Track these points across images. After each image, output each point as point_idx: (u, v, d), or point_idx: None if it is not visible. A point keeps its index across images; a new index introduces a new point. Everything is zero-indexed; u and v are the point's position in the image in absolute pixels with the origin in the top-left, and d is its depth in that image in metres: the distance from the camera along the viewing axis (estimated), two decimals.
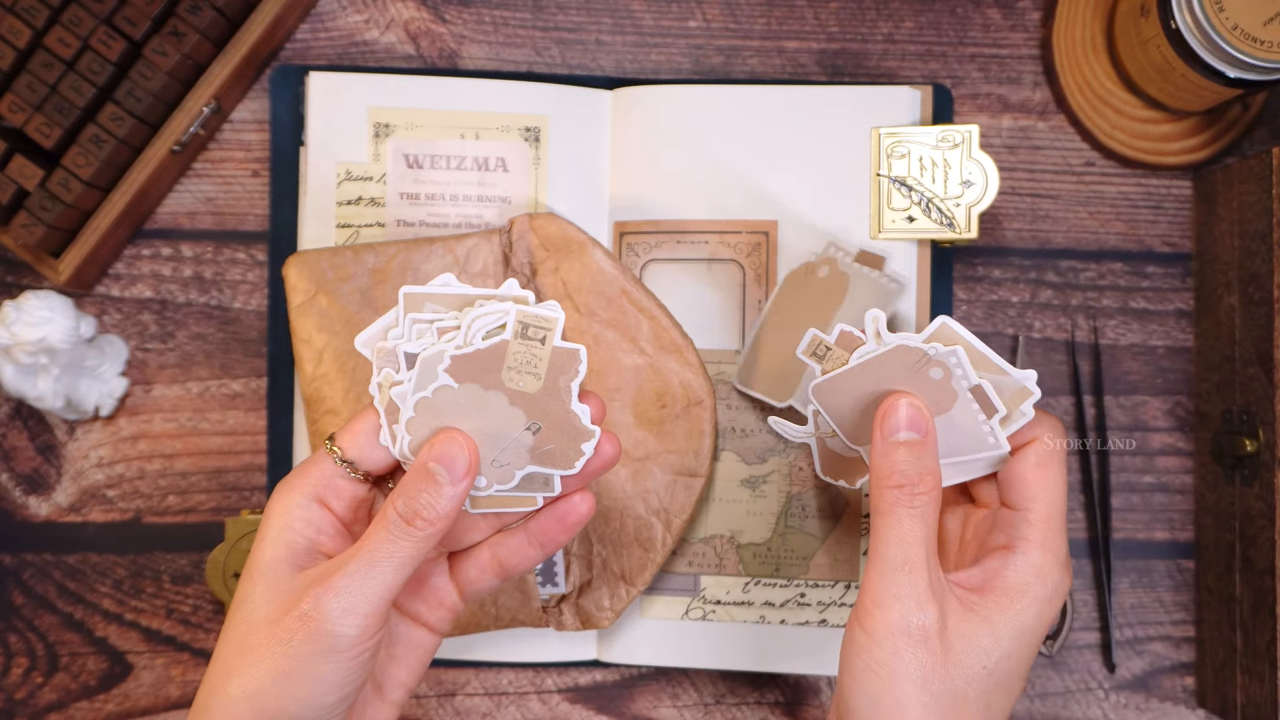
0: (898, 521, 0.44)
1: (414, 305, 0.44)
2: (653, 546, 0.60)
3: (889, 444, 0.45)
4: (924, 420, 0.45)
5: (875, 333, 0.46)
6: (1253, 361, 0.60)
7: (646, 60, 0.66)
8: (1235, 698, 0.61)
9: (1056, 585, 0.45)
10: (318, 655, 0.42)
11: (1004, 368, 0.45)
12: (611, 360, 0.60)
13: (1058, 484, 0.47)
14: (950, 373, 0.45)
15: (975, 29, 0.66)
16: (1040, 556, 0.45)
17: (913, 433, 0.45)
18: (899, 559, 0.44)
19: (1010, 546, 0.46)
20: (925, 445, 0.45)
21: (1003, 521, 0.47)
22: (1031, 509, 0.46)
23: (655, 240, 0.63)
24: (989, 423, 0.46)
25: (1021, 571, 0.45)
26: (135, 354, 0.65)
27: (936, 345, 0.44)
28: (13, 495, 0.65)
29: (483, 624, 0.61)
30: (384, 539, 0.42)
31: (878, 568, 0.44)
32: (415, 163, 0.63)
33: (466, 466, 0.43)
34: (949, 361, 0.44)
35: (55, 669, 0.64)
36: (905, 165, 0.62)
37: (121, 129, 0.60)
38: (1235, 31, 0.56)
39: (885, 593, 0.43)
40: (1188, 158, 0.65)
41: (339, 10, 0.66)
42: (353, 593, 0.42)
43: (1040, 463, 0.46)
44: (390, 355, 0.44)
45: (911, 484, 0.45)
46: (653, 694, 0.65)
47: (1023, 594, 0.45)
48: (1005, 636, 0.44)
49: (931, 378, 0.45)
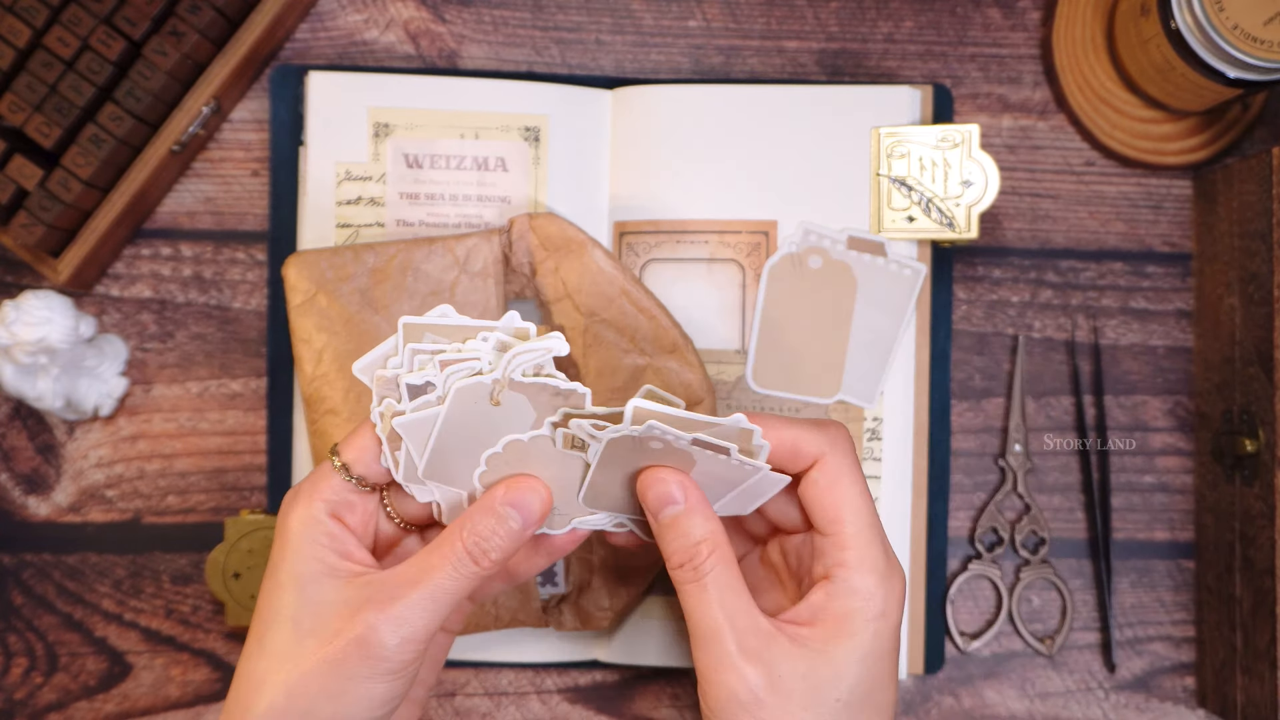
0: (690, 598, 0.44)
1: (413, 335, 0.44)
2: (654, 546, 0.60)
3: (659, 525, 0.45)
4: (678, 487, 0.44)
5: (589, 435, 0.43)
6: (1253, 361, 0.60)
7: (646, 60, 0.66)
8: (1235, 698, 0.61)
9: (884, 600, 0.44)
10: (371, 678, 0.42)
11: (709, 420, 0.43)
12: (611, 360, 0.60)
13: (856, 496, 0.45)
14: (666, 440, 0.43)
15: (975, 29, 0.66)
16: (859, 578, 0.44)
17: (673, 506, 0.44)
18: (701, 632, 0.43)
19: (828, 575, 0.45)
20: (691, 509, 0.44)
21: (818, 550, 0.46)
22: (837, 531, 0.45)
23: (655, 240, 0.63)
24: (731, 459, 0.44)
25: (843, 599, 0.44)
26: (135, 354, 0.65)
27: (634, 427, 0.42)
28: (12, 495, 0.65)
29: (483, 624, 0.61)
30: (450, 574, 0.43)
31: (692, 642, 0.44)
32: (415, 163, 0.63)
33: (539, 516, 0.44)
34: (654, 433, 0.42)
35: (55, 669, 0.64)
36: (905, 165, 0.62)
37: (121, 129, 0.60)
38: (1235, 31, 0.56)
39: (704, 666, 0.43)
40: (1188, 158, 0.65)
41: (339, 10, 0.66)
42: (414, 624, 0.42)
43: (830, 482, 0.45)
44: (390, 384, 0.44)
45: (690, 558, 0.44)
46: (653, 694, 0.65)
47: (850, 620, 0.44)
48: (848, 664, 0.43)
49: (656, 449, 0.44)
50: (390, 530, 0.47)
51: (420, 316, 0.44)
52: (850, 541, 0.45)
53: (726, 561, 0.44)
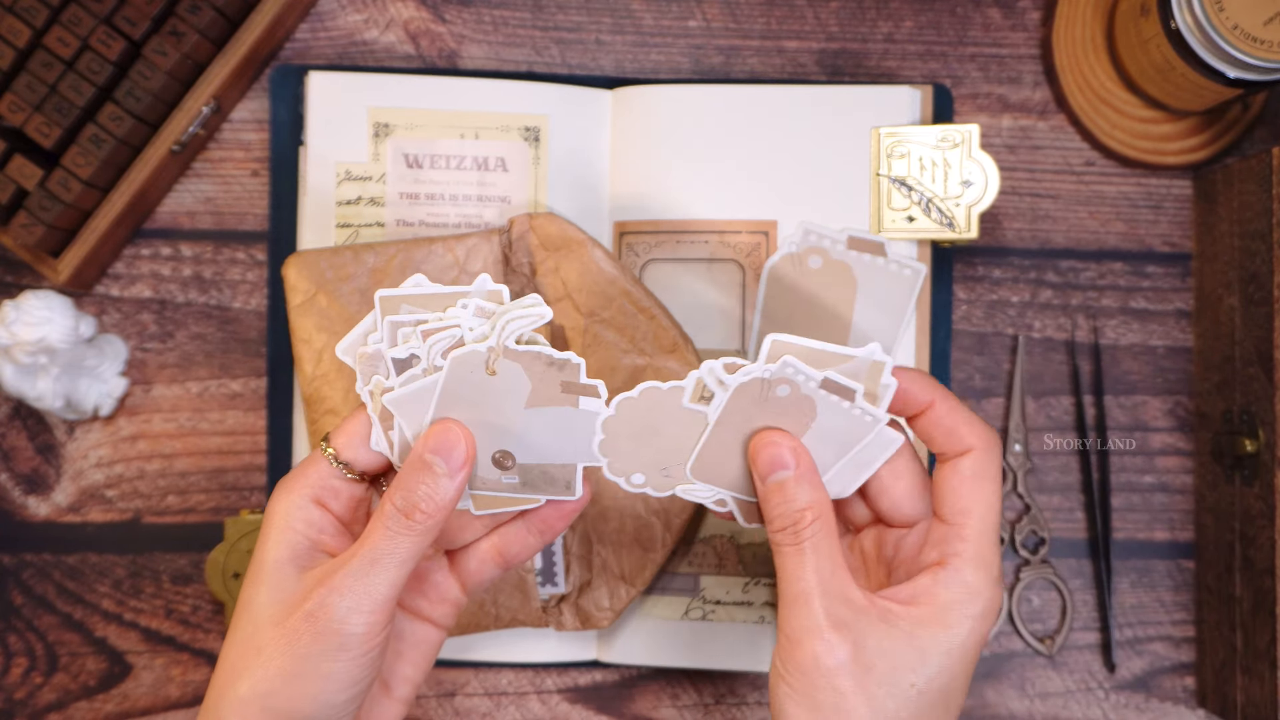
0: (786, 560, 0.44)
1: (390, 308, 0.44)
2: (653, 546, 0.60)
3: (766, 489, 0.45)
4: (790, 452, 0.44)
5: (717, 382, 0.43)
6: (1253, 361, 0.60)
7: (646, 60, 0.66)
8: (1235, 698, 0.61)
9: (988, 603, 0.44)
10: (326, 654, 0.42)
11: (843, 352, 0.43)
12: (611, 360, 0.60)
13: (992, 497, 0.45)
14: (795, 383, 0.43)
15: (975, 29, 0.66)
16: (973, 573, 0.44)
17: (780, 470, 0.44)
18: (791, 595, 0.43)
19: (943, 562, 0.45)
20: (800, 477, 0.44)
21: (935, 536, 0.46)
22: (965, 523, 0.45)
23: (655, 240, 0.63)
24: (855, 406, 0.44)
25: (953, 589, 0.44)
26: (135, 354, 0.65)
27: (768, 366, 0.42)
28: (12, 495, 0.65)
29: (483, 624, 0.61)
30: (384, 535, 0.43)
31: (780, 604, 0.44)
32: (415, 162, 0.63)
33: (464, 457, 0.43)
34: (786, 373, 0.42)
35: (55, 669, 0.64)
36: (905, 165, 0.62)
37: (121, 129, 0.60)
38: (1235, 31, 0.56)
39: (790, 630, 0.43)
40: (1188, 158, 0.65)
41: (338, 10, 0.66)
42: (357, 591, 0.42)
43: (975, 474, 0.45)
44: (373, 360, 0.44)
45: (793, 522, 0.44)
46: (653, 694, 0.65)
47: (951, 611, 0.44)
48: (934, 654, 0.43)
49: (782, 396, 0.43)
50: None
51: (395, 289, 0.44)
52: (972, 535, 0.45)
53: (828, 530, 0.44)
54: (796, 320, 0.62)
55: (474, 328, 0.43)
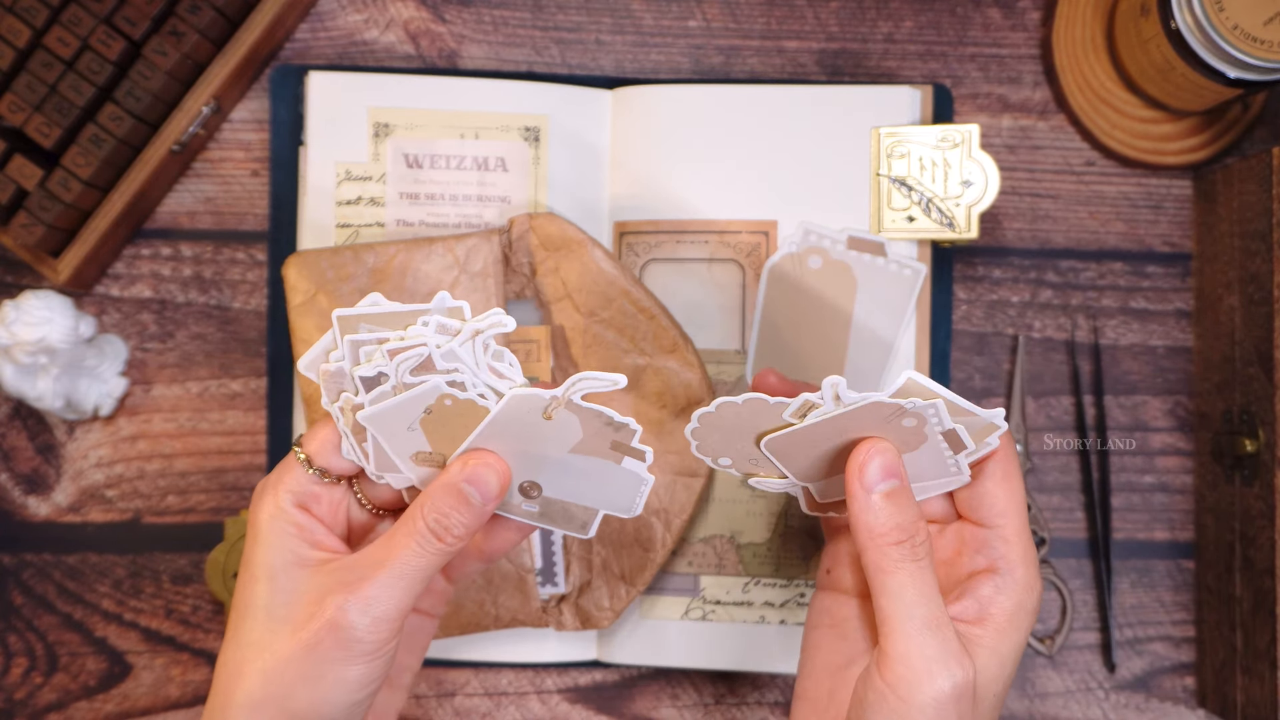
0: (911, 578, 0.42)
1: (348, 327, 0.44)
2: (653, 546, 0.60)
3: (874, 496, 0.43)
4: (899, 465, 0.44)
5: (834, 396, 0.43)
6: (1253, 361, 0.60)
7: (646, 60, 0.66)
8: (1235, 698, 0.61)
9: (1039, 594, 0.45)
10: (347, 660, 0.42)
11: (973, 410, 0.43)
12: (611, 360, 0.60)
13: (1021, 493, 0.46)
14: (925, 421, 0.43)
15: (975, 29, 0.66)
16: (1025, 573, 0.45)
17: (893, 479, 0.43)
18: (924, 618, 0.42)
19: (994, 569, 0.45)
20: (905, 490, 0.44)
21: (975, 541, 0.46)
22: (1005, 525, 0.45)
23: (655, 240, 0.63)
24: (955, 458, 0.44)
25: (1014, 594, 0.44)
26: (135, 354, 0.65)
27: (915, 400, 0.42)
28: (12, 495, 0.65)
29: (483, 624, 0.61)
30: (414, 552, 0.43)
31: (904, 628, 0.42)
32: (415, 163, 0.63)
33: (497, 493, 0.44)
34: (926, 414, 0.43)
35: (55, 669, 0.64)
36: (905, 165, 0.62)
37: (121, 129, 0.60)
38: (1235, 31, 0.56)
39: (919, 656, 0.42)
40: (1188, 158, 0.65)
41: (339, 10, 0.66)
42: (384, 602, 0.42)
43: (1004, 475, 0.45)
44: (336, 377, 0.44)
45: (911, 536, 0.43)
46: (653, 694, 0.65)
47: (1018, 614, 0.44)
48: (1010, 659, 0.44)
49: (904, 426, 0.43)
50: (363, 517, 0.48)
51: (352, 308, 0.44)
52: (1014, 535, 0.45)
53: (932, 550, 0.44)
54: (796, 320, 0.62)
55: (440, 345, 0.43)
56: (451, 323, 0.43)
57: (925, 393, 0.42)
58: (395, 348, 0.43)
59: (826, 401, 0.43)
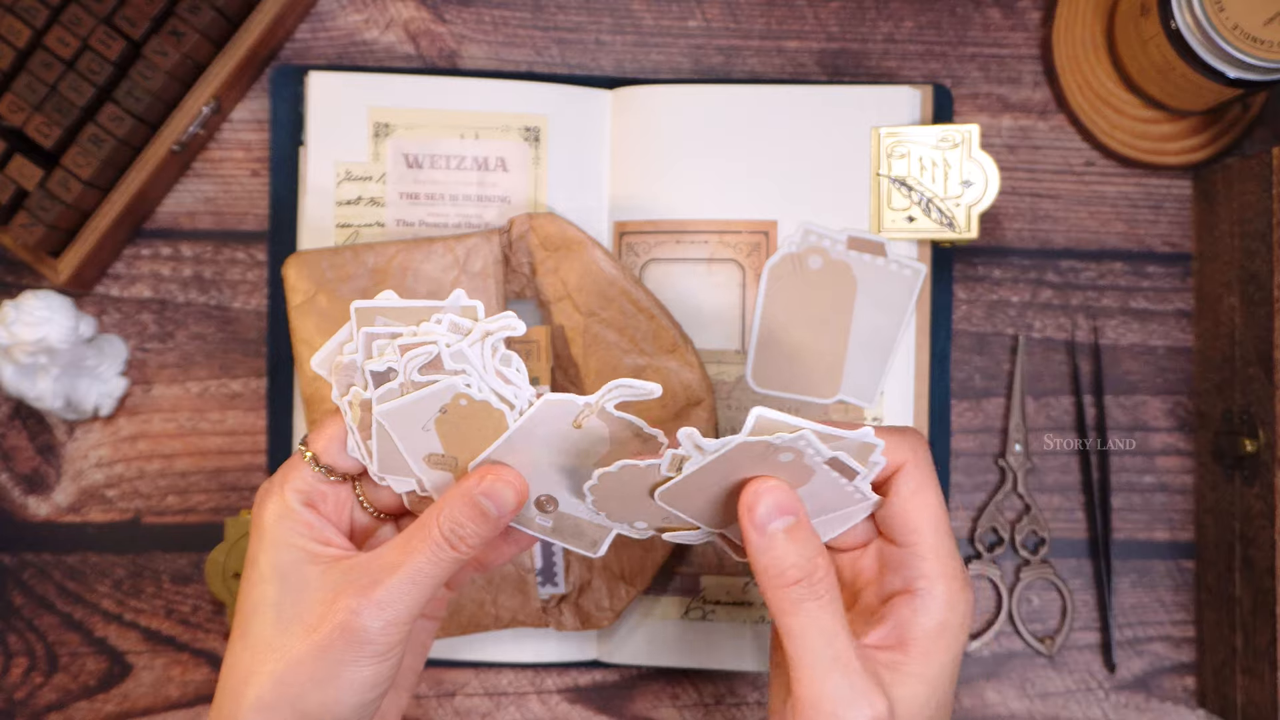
0: (812, 618, 0.41)
1: (365, 319, 0.44)
2: (653, 546, 0.60)
3: (768, 537, 0.41)
4: (792, 499, 0.42)
5: (694, 446, 0.41)
6: (1253, 361, 0.60)
7: (646, 60, 0.66)
8: (1235, 698, 0.61)
9: (966, 606, 0.44)
10: (357, 662, 0.42)
11: (840, 433, 0.41)
12: (611, 360, 0.60)
13: (936, 505, 0.44)
14: (802, 454, 0.41)
15: (975, 29, 0.66)
16: (945, 588, 0.43)
17: (787, 516, 0.41)
18: (828, 659, 0.41)
19: (910, 589, 0.43)
20: (802, 525, 0.42)
21: (892, 562, 0.44)
22: (919, 540, 0.43)
23: (655, 240, 0.63)
24: (851, 483, 0.43)
25: (933, 614, 0.43)
26: (135, 354, 0.65)
27: (781, 435, 0.40)
28: (12, 495, 0.65)
29: (483, 624, 0.61)
30: (428, 558, 0.43)
31: (811, 672, 0.41)
32: (415, 163, 0.63)
33: (514, 508, 0.44)
34: (798, 445, 0.40)
35: (55, 669, 0.64)
36: (905, 165, 0.62)
37: (121, 129, 0.60)
38: (1235, 31, 0.56)
39: (828, 699, 0.40)
40: (1188, 158, 0.65)
41: (339, 10, 0.66)
42: (396, 606, 0.42)
43: (912, 491, 0.44)
44: (349, 371, 0.44)
45: (808, 575, 0.41)
46: (653, 694, 0.65)
47: (942, 634, 0.43)
48: (938, 680, 0.43)
49: (782, 462, 0.42)
50: (365, 520, 0.48)
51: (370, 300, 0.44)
52: (931, 552, 0.43)
53: (836, 584, 0.42)
54: (796, 320, 0.62)
55: (450, 344, 0.43)
56: (464, 321, 0.43)
57: (784, 427, 0.40)
58: (407, 343, 0.43)
59: (689, 451, 0.41)
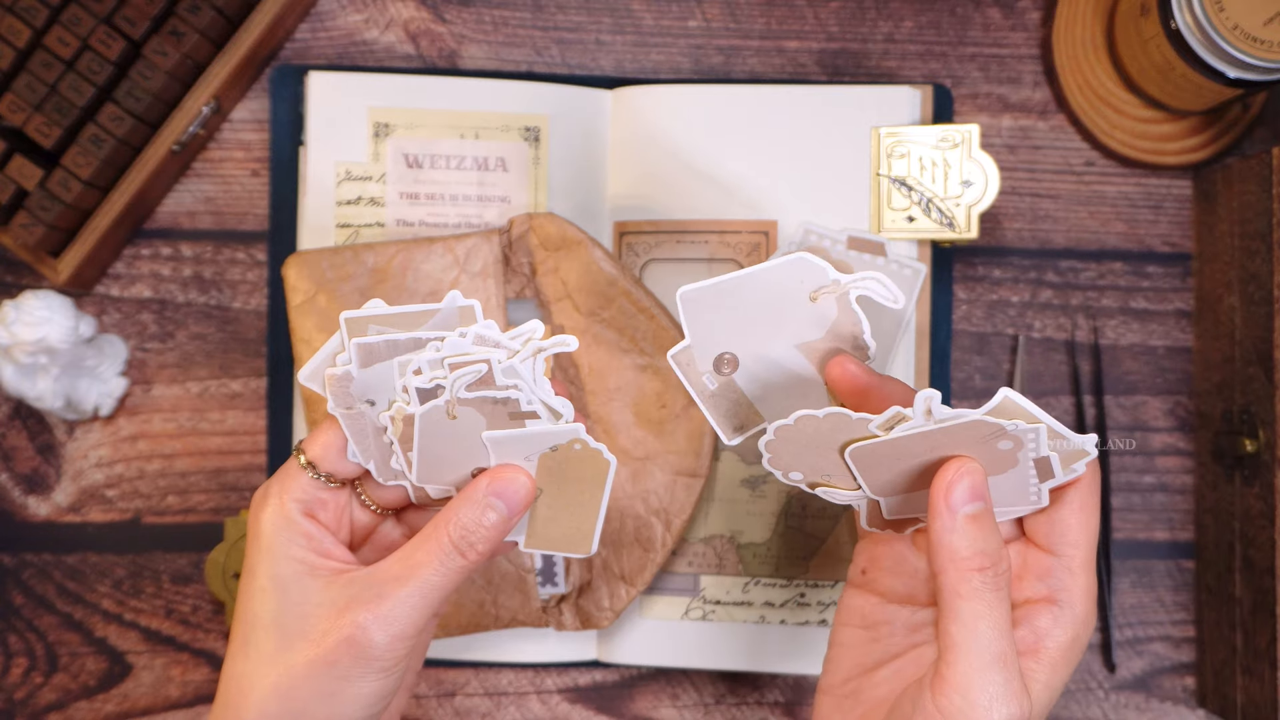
0: (989, 608, 0.41)
1: (356, 329, 0.44)
2: (653, 546, 0.60)
3: (960, 518, 0.41)
4: (985, 488, 0.42)
5: (926, 410, 0.41)
6: (1253, 361, 0.60)
7: (646, 60, 0.66)
8: (1235, 698, 0.61)
9: (1093, 623, 0.44)
10: (363, 677, 0.42)
11: (1066, 434, 0.42)
12: (611, 360, 0.60)
13: (1096, 524, 0.44)
14: (1023, 445, 0.41)
15: (975, 29, 0.66)
16: (1085, 608, 0.43)
17: (978, 502, 0.42)
18: (994, 653, 0.41)
19: (1054, 599, 0.43)
20: (989, 515, 0.42)
21: (1039, 568, 0.44)
22: (1074, 555, 0.43)
23: (655, 240, 0.63)
24: (1040, 485, 0.43)
25: (1072, 628, 0.43)
26: (135, 354, 0.65)
27: (1018, 423, 0.41)
28: (12, 495, 0.65)
29: (483, 624, 0.61)
30: (438, 568, 0.42)
31: (969, 661, 0.41)
32: (415, 163, 0.63)
33: (523, 505, 0.44)
34: (1025, 438, 0.41)
35: (55, 669, 0.64)
36: (905, 165, 0.62)
37: (121, 129, 0.60)
38: (1235, 31, 0.56)
39: (980, 690, 0.40)
40: (1188, 158, 0.65)
41: (339, 10, 0.66)
42: (403, 619, 0.42)
43: (1082, 505, 0.44)
44: (343, 382, 0.44)
45: (995, 564, 0.41)
46: (653, 694, 0.65)
47: (1073, 649, 0.43)
48: (1057, 692, 0.43)
49: (999, 448, 0.42)
50: (365, 518, 0.47)
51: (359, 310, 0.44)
52: (1082, 568, 0.43)
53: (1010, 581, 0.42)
54: None
55: (501, 360, 0.43)
56: (487, 334, 0.43)
57: (1023, 414, 0.41)
58: (455, 361, 0.43)
59: (917, 416, 0.41)
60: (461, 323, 0.44)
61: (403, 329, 0.44)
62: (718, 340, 0.45)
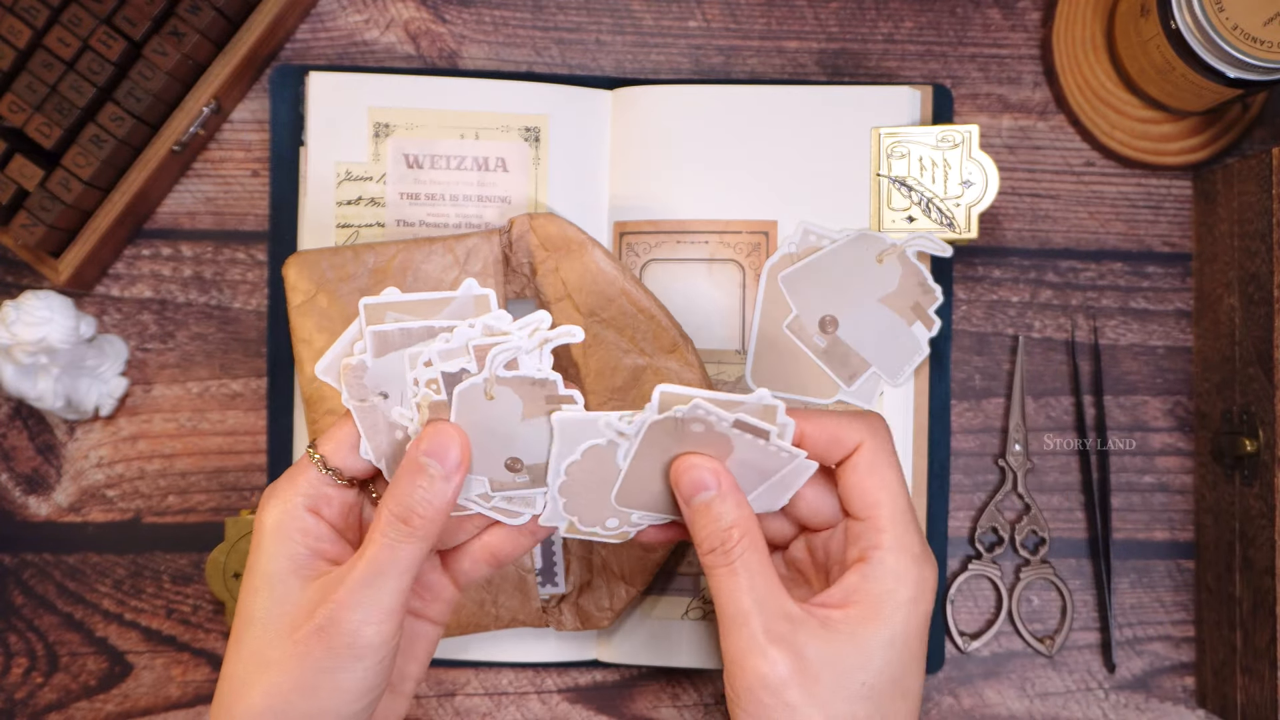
0: (720, 582, 0.44)
1: (374, 316, 0.44)
2: (652, 546, 0.60)
3: (692, 510, 0.45)
4: (712, 472, 0.45)
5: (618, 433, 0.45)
6: (1253, 361, 0.60)
7: (646, 60, 0.66)
8: (1235, 698, 0.61)
9: (918, 584, 0.45)
10: (340, 667, 0.42)
11: (736, 398, 0.44)
12: (611, 360, 0.60)
13: (894, 482, 0.46)
14: (708, 422, 0.44)
15: (975, 29, 0.66)
16: (895, 560, 0.45)
17: (706, 491, 0.45)
18: (729, 616, 0.44)
19: (864, 557, 0.45)
20: (723, 495, 0.45)
21: (853, 535, 0.46)
22: (877, 514, 0.45)
23: (655, 240, 0.63)
24: (770, 444, 0.45)
25: (879, 580, 0.45)
26: (135, 354, 0.65)
27: (679, 408, 0.43)
28: (13, 495, 0.65)
29: (483, 624, 0.61)
30: (384, 545, 0.43)
31: (721, 629, 0.44)
32: (415, 163, 0.63)
33: (459, 458, 0.43)
34: (697, 414, 0.43)
35: (55, 669, 0.64)
36: (905, 165, 0.62)
37: (121, 129, 0.60)
38: (1235, 31, 0.56)
39: (731, 651, 0.44)
40: (1188, 158, 0.65)
41: (339, 10, 0.66)
42: (365, 604, 0.42)
43: (869, 467, 0.46)
44: (358, 371, 0.44)
45: (721, 543, 0.44)
46: (653, 694, 0.65)
47: (883, 602, 0.44)
48: (877, 648, 0.44)
49: (696, 433, 0.44)
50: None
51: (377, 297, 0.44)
52: (887, 525, 0.45)
53: (757, 547, 0.45)
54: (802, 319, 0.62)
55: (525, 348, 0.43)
56: (496, 324, 0.44)
57: (681, 399, 0.43)
58: (480, 344, 0.43)
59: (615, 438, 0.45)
60: (476, 311, 0.44)
61: (420, 316, 0.44)
62: (816, 307, 0.59)
